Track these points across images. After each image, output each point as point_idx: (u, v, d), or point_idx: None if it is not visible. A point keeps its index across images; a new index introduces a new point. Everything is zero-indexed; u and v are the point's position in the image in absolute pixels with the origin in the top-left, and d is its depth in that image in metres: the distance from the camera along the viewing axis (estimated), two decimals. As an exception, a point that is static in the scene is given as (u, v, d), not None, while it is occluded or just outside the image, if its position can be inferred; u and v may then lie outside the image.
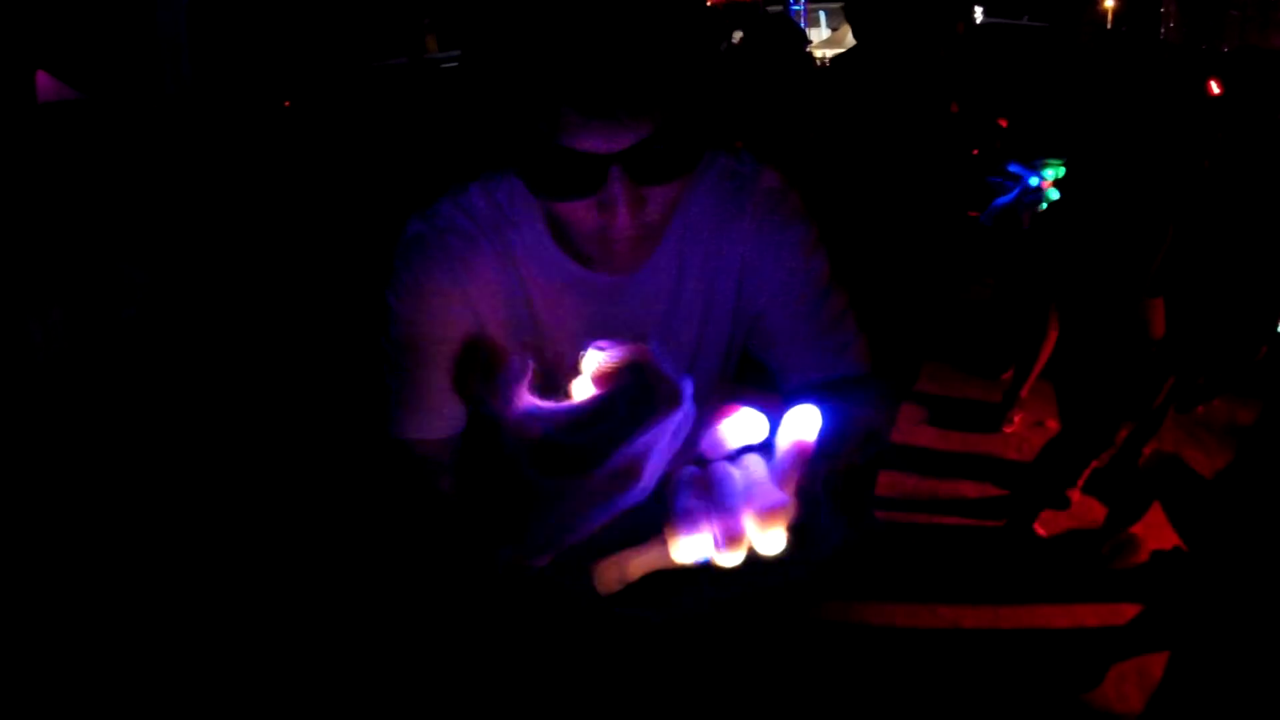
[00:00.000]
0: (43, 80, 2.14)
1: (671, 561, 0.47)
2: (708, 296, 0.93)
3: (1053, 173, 2.45)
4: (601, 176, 0.69)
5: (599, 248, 0.76)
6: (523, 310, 0.90)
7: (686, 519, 0.45)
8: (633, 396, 0.44)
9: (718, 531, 0.45)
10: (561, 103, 0.65)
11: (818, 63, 7.34)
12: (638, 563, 0.49)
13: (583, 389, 0.48)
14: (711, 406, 0.78)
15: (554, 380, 0.95)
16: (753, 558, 0.45)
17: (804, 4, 15.31)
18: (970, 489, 2.94)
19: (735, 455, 0.49)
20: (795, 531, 0.45)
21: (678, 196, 0.75)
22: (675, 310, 0.93)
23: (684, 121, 0.69)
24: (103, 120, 2.29)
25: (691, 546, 0.45)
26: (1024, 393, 3.31)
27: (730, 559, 0.45)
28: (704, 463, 0.48)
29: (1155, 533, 2.48)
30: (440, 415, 0.90)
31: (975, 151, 2.70)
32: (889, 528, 2.72)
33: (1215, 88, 2.80)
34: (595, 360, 0.47)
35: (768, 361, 0.96)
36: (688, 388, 0.46)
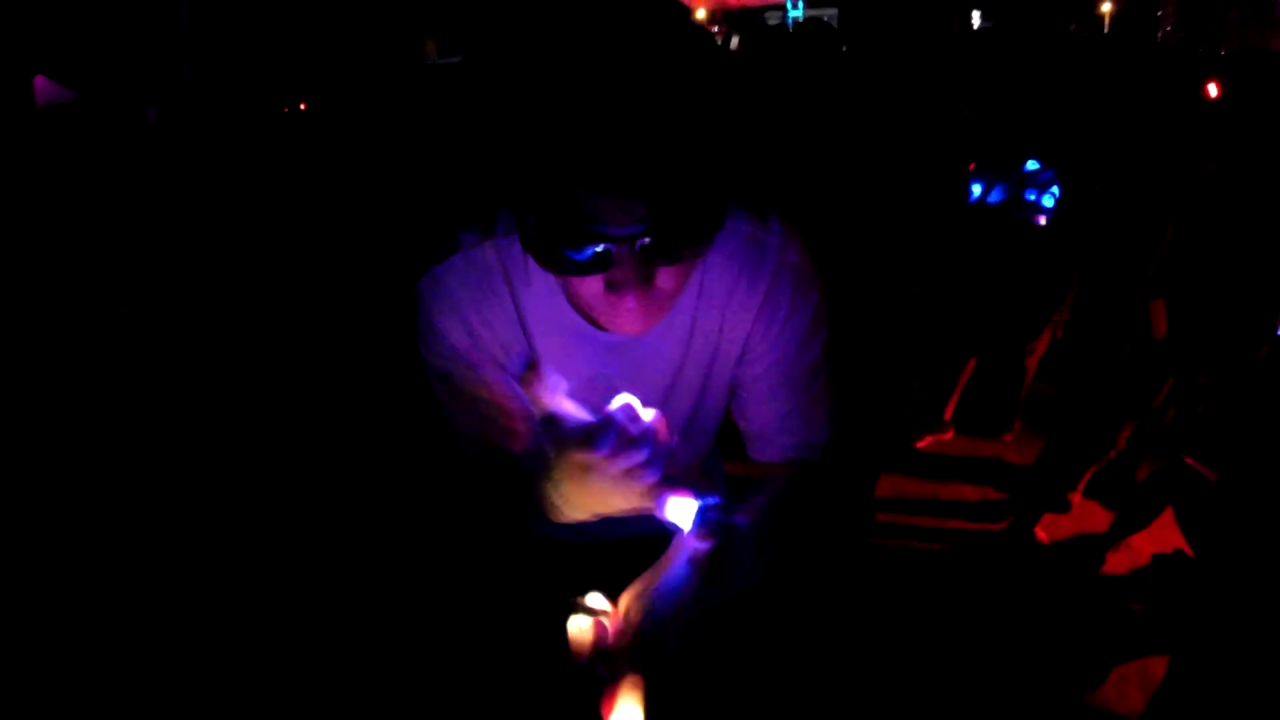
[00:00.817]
0: (41, 83, 2.13)
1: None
2: (711, 361, 0.93)
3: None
4: (609, 256, 0.67)
5: (609, 316, 0.75)
6: (528, 361, 0.91)
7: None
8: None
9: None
10: (573, 185, 0.64)
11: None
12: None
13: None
14: (696, 465, 1.00)
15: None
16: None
17: (801, 8, 15.31)
18: (971, 492, 2.94)
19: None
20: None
21: (692, 269, 0.74)
22: (681, 372, 0.93)
23: (699, 203, 0.67)
24: (101, 122, 2.29)
25: None
26: (1021, 395, 3.30)
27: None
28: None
29: (1157, 536, 2.47)
30: (493, 442, 0.91)
31: (972, 166, 2.71)
32: (890, 529, 2.72)
33: (1214, 90, 2.80)
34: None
35: (742, 422, 0.97)
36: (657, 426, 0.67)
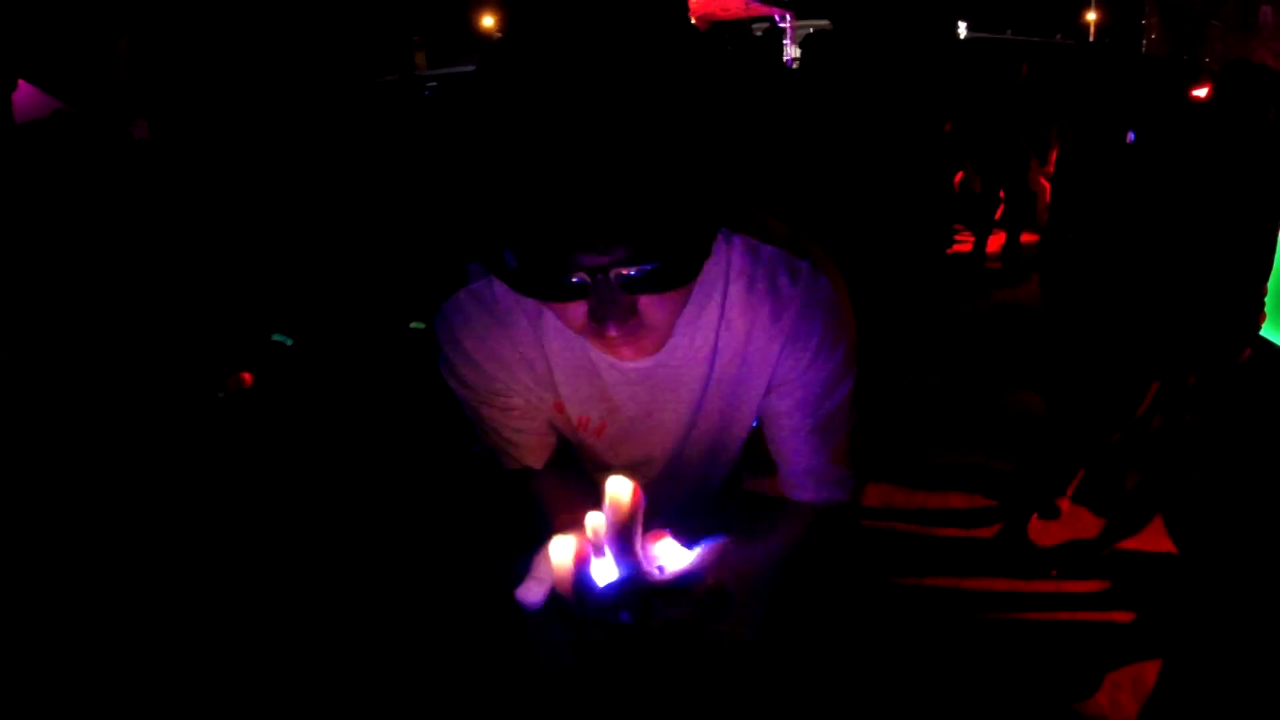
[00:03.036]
0: (24, 92, 2.13)
1: None
2: (734, 392, 0.92)
3: None
4: (584, 286, 0.65)
5: (598, 344, 0.73)
6: (546, 385, 0.93)
7: None
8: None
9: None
10: (541, 224, 0.61)
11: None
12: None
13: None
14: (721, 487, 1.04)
15: (578, 438, 0.99)
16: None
17: (790, 21, 15.42)
18: (959, 500, 2.93)
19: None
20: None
21: (682, 299, 0.71)
22: (703, 401, 0.93)
23: (677, 235, 0.64)
24: (83, 135, 2.28)
25: None
26: None
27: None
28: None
29: (1148, 541, 2.47)
30: (522, 457, 0.97)
31: (960, 176, 2.71)
32: (878, 539, 2.71)
33: (1203, 94, 2.82)
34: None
35: (773, 453, 0.97)
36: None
